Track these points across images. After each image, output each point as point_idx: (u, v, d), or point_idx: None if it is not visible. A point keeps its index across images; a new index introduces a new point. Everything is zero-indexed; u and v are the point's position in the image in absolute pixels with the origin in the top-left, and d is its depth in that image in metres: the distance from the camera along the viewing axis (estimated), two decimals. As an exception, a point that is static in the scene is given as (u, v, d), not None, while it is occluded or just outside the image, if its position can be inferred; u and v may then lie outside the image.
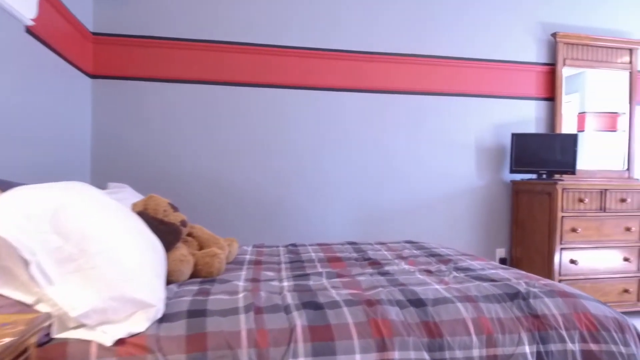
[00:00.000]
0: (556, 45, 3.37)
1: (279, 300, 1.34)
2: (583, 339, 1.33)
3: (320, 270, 1.75)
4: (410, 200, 3.22)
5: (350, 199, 3.14)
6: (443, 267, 1.82)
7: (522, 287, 1.49)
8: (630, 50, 3.48)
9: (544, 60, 3.42)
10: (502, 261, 3.38)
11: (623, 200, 3.01)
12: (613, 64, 3.46)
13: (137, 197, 2.03)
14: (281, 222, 3.03)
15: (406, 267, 1.83)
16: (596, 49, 3.43)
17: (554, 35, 3.36)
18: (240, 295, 1.37)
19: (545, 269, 2.98)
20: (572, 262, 2.94)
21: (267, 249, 2.25)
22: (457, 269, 1.79)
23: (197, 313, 1.22)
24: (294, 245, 2.35)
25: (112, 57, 2.82)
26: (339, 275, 1.67)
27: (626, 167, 3.50)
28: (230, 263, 1.87)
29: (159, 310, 1.19)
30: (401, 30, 3.18)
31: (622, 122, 3.51)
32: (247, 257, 2.01)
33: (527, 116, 3.40)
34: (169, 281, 1.53)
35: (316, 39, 3.06)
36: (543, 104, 3.42)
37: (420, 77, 3.21)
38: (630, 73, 3.49)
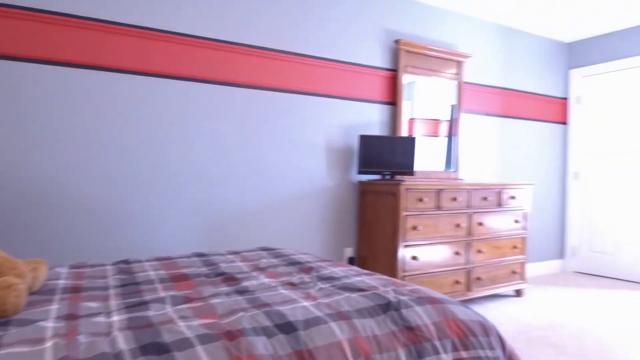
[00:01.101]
0: (398, 52, 3.53)
1: (106, 346, 0.99)
2: (454, 348, 1.28)
3: (162, 294, 1.41)
4: (260, 201, 3.02)
5: (193, 202, 2.79)
6: (306, 278, 1.65)
7: (392, 296, 1.39)
8: (458, 62, 3.83)
9: (387, 65, 3.54)
10: (350, 260, 3.40)
11: (454, 199, 3.27)
12: (443, 74, 3.76)
13: None
14: (108, 232, 2.53)
15: (267, 280, 1.61)
16: (431, 59, 3.69)
17: (397, 42, 3.50)
18: (48, 344, 0.98)
19: (390, 266, 3.07)
20: (414, 258, 3.08)
21: (90, 269, 1.79)
22: (321, 279, 1.63)
23: (-29, 384, 0.81)
24: (126, 262, 1.92)
25: None
26: (188, 300, 1.36)
27: (454, 168, 3.84)
28: (35, 293, 1.40)
29: None
30: (250, 20, 2.95)
31: (443, 128, 3.82)
32: (61, 282, 1.55)
33: (372, 119, 3.49)
34: None
35: (155, 19, 2.64)
36: (386, 108, 3.55)
37: (270, 71, 3.02)
38: (459, 83, 3.85)
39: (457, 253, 3.29)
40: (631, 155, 4.25)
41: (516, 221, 3.64)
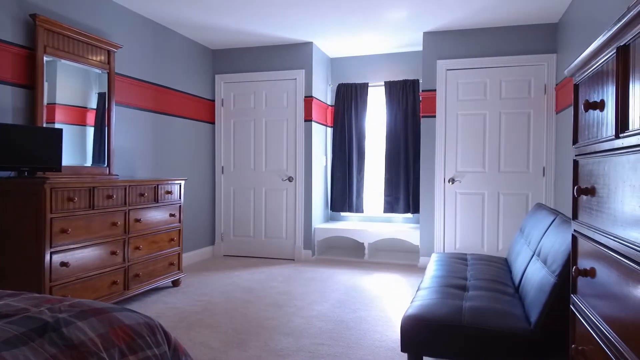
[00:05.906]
0: (36, 29, 3.04)
1: None
2: (122, 354, 1.25)
3: None
4: None
5: None
6: None
7: (48, 316, 1.23)
8: (109, 52, 3.63)
9: (22, 42, 3.01)
10: (-25, 279, 2.74)
11: (110, 197, 3.11)
12: (91, 61, 3.48)
13: None
14: None
15: None
16: (76, 42, 3.35)
17: (33, 16, 3.01)
18: None
19: (34, 278, 2.66)
20: (64, 264, 2.77)
21: None
22: (-60, 313, 1.26)
23: None
24: None
25: None
26: None
27: (107, 163, 3.64)
28: None
29: None
30: None
31: (91, 118, 3.58)
32: None
33: (3, 103, 2.89)
34: None
35: None
36: (21, 92, 3.01)
37: None
38: (109, 73, 3.64)
39: (113, 253, 3.16)
40: (260, 150, 5.12)
41: (172, 215, 3.79)
